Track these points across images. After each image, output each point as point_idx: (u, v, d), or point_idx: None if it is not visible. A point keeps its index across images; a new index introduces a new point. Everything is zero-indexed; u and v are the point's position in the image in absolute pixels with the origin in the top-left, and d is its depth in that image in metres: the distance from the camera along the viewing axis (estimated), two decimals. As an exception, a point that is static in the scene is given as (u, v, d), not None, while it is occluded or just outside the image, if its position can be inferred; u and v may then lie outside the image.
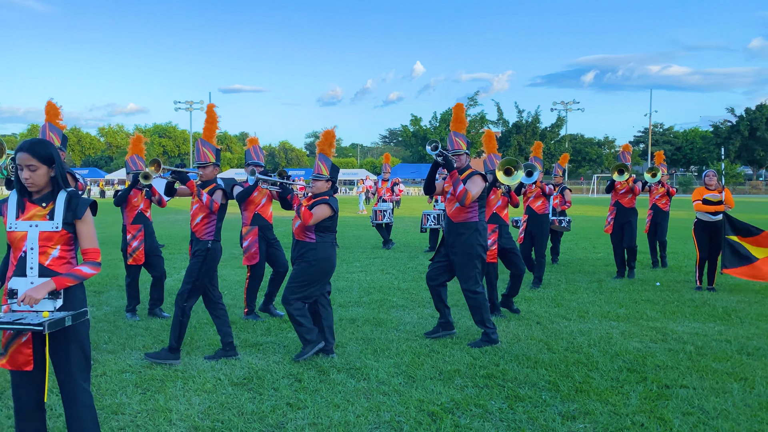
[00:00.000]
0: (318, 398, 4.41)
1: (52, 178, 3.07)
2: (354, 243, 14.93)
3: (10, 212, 3.04)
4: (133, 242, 6.90)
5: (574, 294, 8.40)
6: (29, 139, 3.05)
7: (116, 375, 4.87)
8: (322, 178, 5.38)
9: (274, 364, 5.16)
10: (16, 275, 3.01)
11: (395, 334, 6.13)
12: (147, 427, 3.90)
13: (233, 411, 4.17)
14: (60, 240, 3.05)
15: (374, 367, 5.07)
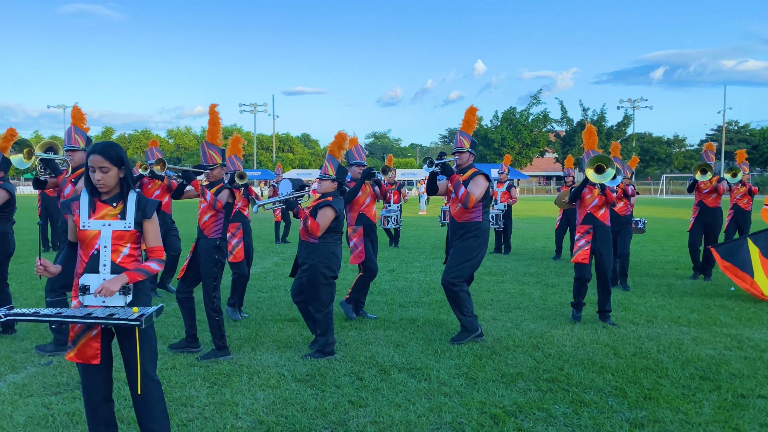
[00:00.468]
0: (379, 397, 4.44)
1: (121, 179, 3.21)
2: (413, 243, 14.94)
3: (82, 211, 3.19)
4: (232, 240, 6.92)
5: (641, 297, 8.13)
6: (100, 142, 3.20)
7: (185, 368, 5.03)
8: (328, 178, 5.47)
9: (336, 361, 5.22)
10: (88, 272, 3.16)
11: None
12: (214, 420, 4.01)
13: (297, 407, 4.25)
14: (130, 238, 3.20)
15: (435, 368, 5.06)
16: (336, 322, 6.63)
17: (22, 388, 4.56)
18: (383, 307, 7.40)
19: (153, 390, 3.25)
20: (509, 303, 7.72)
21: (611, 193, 6.55)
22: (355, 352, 5.50)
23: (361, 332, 6.21)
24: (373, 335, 6.09)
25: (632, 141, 68.62)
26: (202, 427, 3.91)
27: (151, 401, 3.24)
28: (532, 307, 7.51)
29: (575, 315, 6.83)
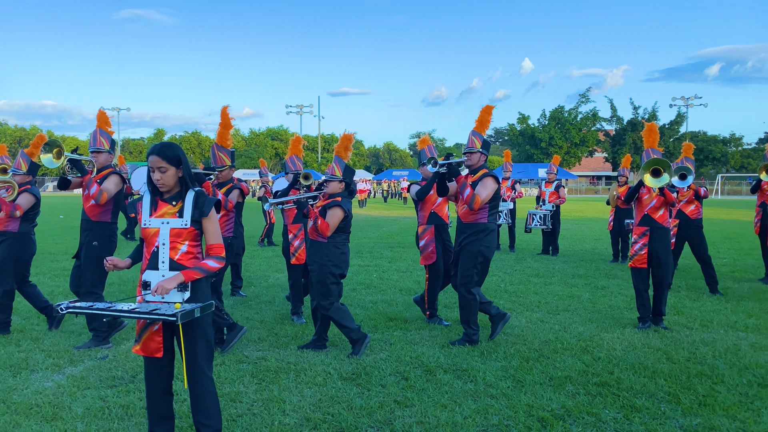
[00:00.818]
0: (425, 397, 4.43)
1: (180, 178, 3.30)
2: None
3: (144, 210, 3.31)
4: (294, 241, 6.84)
5: (696, 301, 7.88)
6: (158, 143, 3.30)
7: (234, 365, 5.14)
8: (335, 179, 5.51)
9: (381, 361, 5.24)
10: (149, 268, 3.28)
11: (502, 338, 6.03)
12: (262, 416, 4.08)
13: (343, 405, 4.28)
14: (188, 236, 3.28)
15: (481, 370, 5.02)
16: (380, 321, 6.66)
17: (80, 380, 4.73)
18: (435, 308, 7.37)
19: (206, 385, 3.33)
20: (557, 305, 7.59)
21: (670, 194, 6.28)
22: (401, 352, 5.50)
23: (406, 332, 6.21)
24: (418, 335, 6.08)
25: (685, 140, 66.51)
26: (250, 422, 3.98)
27: (204, 396, 3.33)
28: (580, 309, 7.37)
29: (641, 326, 6.44)
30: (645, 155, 6.51)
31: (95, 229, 5.75)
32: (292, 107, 73.63)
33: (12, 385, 4.61)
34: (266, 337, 6.01)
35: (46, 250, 12.97)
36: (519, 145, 73.57)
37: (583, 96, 69.95)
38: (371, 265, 10.99)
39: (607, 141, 70.76)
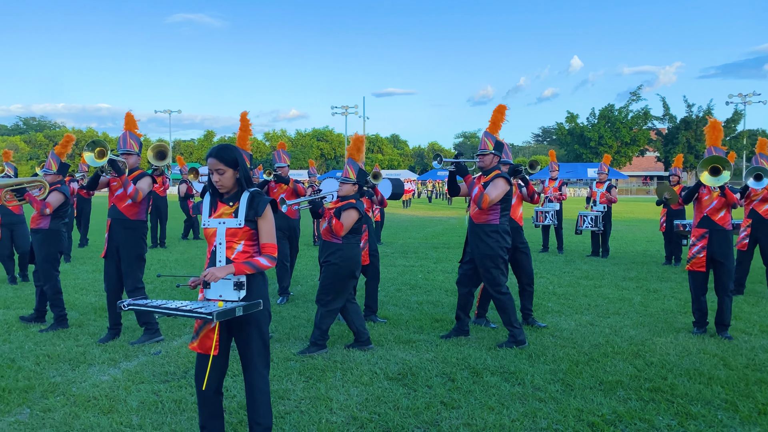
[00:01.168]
0: (472, 399, 4.40)
1: (237, 179, 3.37)
2: (506, 244, 14.67)
3: (204, 211, 3.40)
4: None
5: (754, 306, 7.58)
6: (216, 146, 3.37)
7: (282, 362, 5.21)
8: (349, 182, 5.55)
9: (427, 361, 5.23)
10: (210, 267, 3.35)
11: (551, 340, 5.93)
12: (310, 414, 4.12)
13: (389, 405, 4.28)
14: (243, 236, 3.34)
15: (529, 372, 4.95)
16: (426, 322, 6.64)
17: (135, 375, 4.88)
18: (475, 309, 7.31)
19: (261, 385, 3.38)
20: (607, 308, 7.42)
21: (732, 194, 6.00)
22: (447, 353, 5.47)
23: (452, 333, 6.17)
24: (464, 337, 6.04)
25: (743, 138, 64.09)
26: (298, 420, 4.03)
27: (257, 395, 3.38)
28: (632, 312, 7.19)
29: (696, 331, 6.25)
30: (707, 153, 6.23)
31: (135, 227, 5.93)
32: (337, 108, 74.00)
33: (71, 378, 4.79)
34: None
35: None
36: (567, 145, 72.25)
37: (634, 94, 68.17)
38: (416, 265, 10.97)
39: (659, 140, 68.78)
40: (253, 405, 3.40)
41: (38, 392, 4.48)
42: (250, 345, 3.35)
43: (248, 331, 3.34)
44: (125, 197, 5.85)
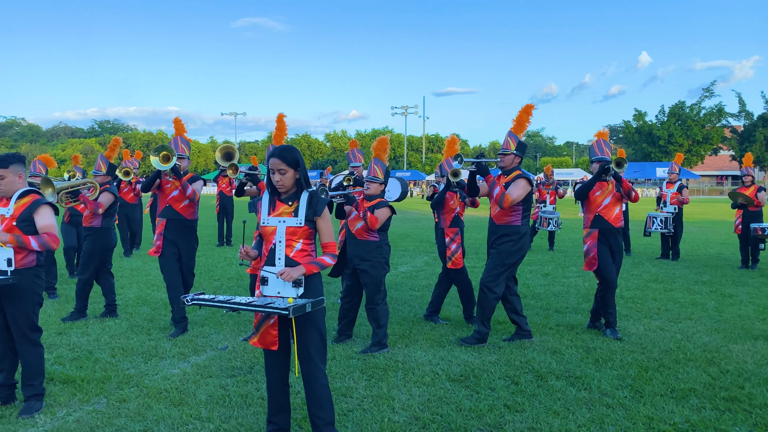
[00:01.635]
0: (536, 403, 4.32)
1: (297, 179, 3.44)
2: (570, 246, 14.35)
3: (263, 209, 3.48)
4: (451, 245, 6.58)
5: (841, 314, 7.12)
6: (279, 147, 3.46)
7: (344, 360, 5.26)
8: (377, 181, 5.65)
9: (490, 364, 5.17)
10: (267, 264, 3.44)
11: (619, 345, 5.75)
12: (372, 412, 4.15)
13: (451, 406, 4.26)
14: (303, 234, 3.41)
15: (596, 378, 4.82)
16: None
17: (203, 369, 5.03)
18: (538, 312, 7.19)
19: (319, 378, 3.44)
20: (679, 313, 7.14)
21: None
22: (510, 356, 5.40)
23: (515, 335, 6.08)
24: (528, 340, 5.93)
25: (828, 135, 60.33)
26: (361, 418, 4.05)
27: (317, 389, 3.44)
28: (705, 318, 6.88)
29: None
30: None
31: (191, 226, 6.29)
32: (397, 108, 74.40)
33: (144, 371, 4.99)
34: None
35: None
36: (635, 144, 69.81)
37: (707, 90, 65.20)
38: (478, 266, 10.86)
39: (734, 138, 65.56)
40: (313, 399, 3.45)
41: (114, 383, 4.69)
42: (309, 341, 3.41)
43: (306, 326, 3.40)
44: (181, 198, 6.16)
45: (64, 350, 5.53)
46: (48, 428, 3.88)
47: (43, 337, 5.90)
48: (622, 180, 6.05)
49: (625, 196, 6.12)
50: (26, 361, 4.15)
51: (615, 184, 6.08)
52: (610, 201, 6.07)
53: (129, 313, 7.09)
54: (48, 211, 4.17)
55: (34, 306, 4.15)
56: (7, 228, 4.07)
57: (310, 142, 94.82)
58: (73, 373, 4.86)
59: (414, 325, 6.54)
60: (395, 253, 12.64)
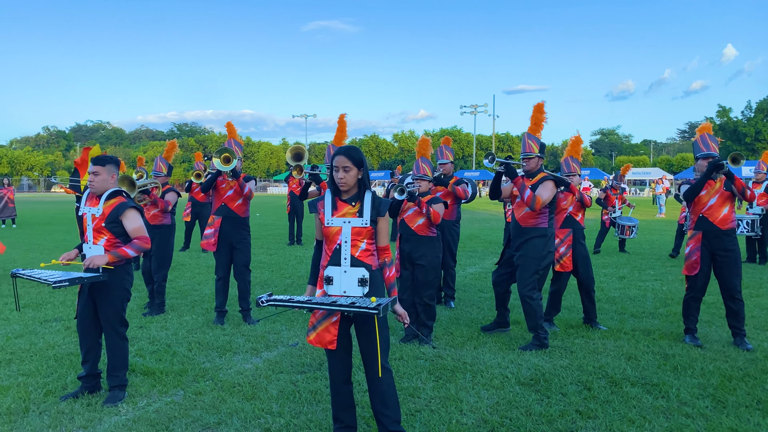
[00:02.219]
0: (610, 410, 4.18)
1: (359, 180, 3.47)
2: (647, 249, 13.80)
3: (326, 210, 3.52)
4: (560, 247, 6.31)
5: None
6: (344, 146, 3.52)
7: (412, 360, 5.26)
8: (426, 179, 5.90)
9: (561, 368, 5.04)
10: (331, 264, 3.48)
11: (699, 352, 5.49)
12: (440, 414, 4.13)
13: (521, 410, 4.18)
14: (367, 234, 3.45)
15: (674, 386, 4.61)
16: (560, 327, 6.41)
17: (275, 365, 5.16)
18: (613, 317, 6.95)
19: (386, 378, 3.46)
20: (766, 320, 6.73)
21: None
22: (582, 360, 5.25)
23: (588, 341, 5.90)
24: (601, 344, 5.75)
25: None
26: (429, 418, 4.04)
27: (384, 388, 3.46)
28: (796, 326, 6.46)
29: None
30: None
31: (244, 223, 6.73)
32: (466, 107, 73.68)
33: (218, 365, 5.16)
34: (441, 336, 6.07)
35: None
36: (718, 142, 66.35)
37: (798, 84, 61.23)
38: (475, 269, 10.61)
39: (830, 134, 61.31)
40: (379, 397, 3.47)
41: (190, 376, 4.87)
42: (373, 339, 3.43)
43: (370, 325, 3.42)
44: (236, 197, 6.58)
45: (144, 343, 5.80)
46: (130, 417, 4.07)
47: (126, 330, 6.21)
48: (734, 178, 5.62)
49: (738, 195, 5.69)
50: (112, 353, 4.38)
51: (724, 182, 5.66)
52: (717, 201, 5.64)
53: (205, 308, 7.35)
54: (135, 213, 4.40)
55: (123, 301, 4.38)
56: (97, 227, 4.32)
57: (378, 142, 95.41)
58: (152, 365, 5.09)
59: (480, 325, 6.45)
60: (463, 254, 12.54)
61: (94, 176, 4.35)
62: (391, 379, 3.51)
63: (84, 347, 4.46)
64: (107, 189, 4.41)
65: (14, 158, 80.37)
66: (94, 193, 4.41)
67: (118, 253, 4.23)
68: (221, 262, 6.67)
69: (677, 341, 5.85)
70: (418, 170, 5.92)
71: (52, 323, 6.56)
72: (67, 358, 5.32)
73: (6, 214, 19.59)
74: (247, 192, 6.56)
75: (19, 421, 4.00)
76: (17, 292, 4.68)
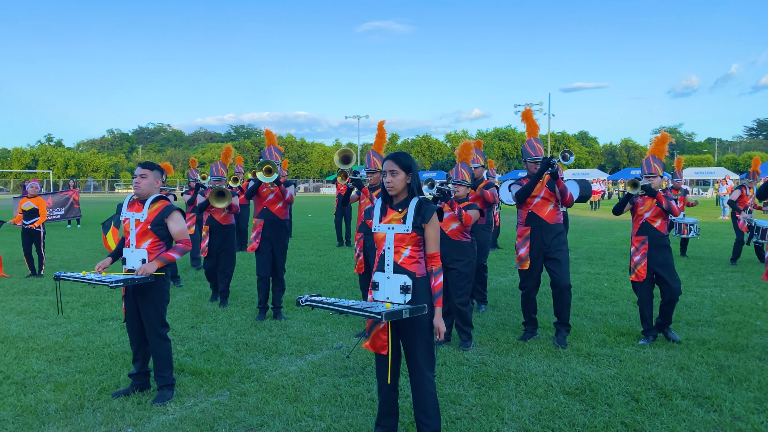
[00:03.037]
0: (657, 423, 4.05)
1: (408, 185, 3.48)
2: (707, 253, 13.27)
3: (375, 216, 3.56)
4: (635, 256, 6.05)
5: None
6: (394, 151, 3.55)
7: (455, 366, 5.23)
8: (464, 184, 5.88)
9: (608, 378, 4.91)
10: (378, 270, 3.51)
11: (757, 364, 5.25)
12: (481, 422, 4.09)
13: (564, 420, 4.10)
14: (411, 241, 3.44)
15: (728, 399, 4.43)
16: (610, 335, 6.25)
17: (318, 367, 5.22)
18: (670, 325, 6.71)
19: (426, 386, 3.45)
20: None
21: None
22: (631, 370, 5.10)
23: (638, 349, 5.73)
24: (652, 354, 5.58)
25: None
26: (469, 426, 4.01)
27: (423, 396, 3.45)
28: None
29: None
30: None
31: (284, 225, 7.18)
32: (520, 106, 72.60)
33: (264, 366, 5.26)
34: (486, 342, 6.01)
35: (297, 246, 14.51)
36: (787, 139, 63.27)
37: None
38: (602, 273, 10.37)
39: None
40: (421, 406, 3.47)
41: (236, 377, 4.99)
42: (416, 348, 3.43)
43: (413, 334, 3.42)
44: (277, 201, 6.98)
45: (194, 343, 5.97)
46: (177, 416, 4.20)
47: (176, 330, 6.42)
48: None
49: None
50: (156, 354, 4.53)
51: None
52: None
53: (254, 309, 7.51)
54: (179, 216, 4.55)
55: (162, 303, 4.53)
56: (141, 231, 4.48)
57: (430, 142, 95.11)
58: (201, 365, 5.23)
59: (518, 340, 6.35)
60: (506, 259, 12.38)
61: (141, 178, 4.52)
62: (433, 389, 3.49)
63: (134, 346, 4.65)
64: (152, 193, 4.57)
65: (81, 160, 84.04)
66: (139, 195, 4.58)
67: (164, 257, 4.38)
68: (262, 262, 7.04)
69: (734, 352, 5.62)
70: (457, 175, 5.90)
71: (109, 322, 6.83)
72: (122, 356, 5.54)
73: (71, 214, 20.50)
74: (288, 197, 6.96)
75: (74, 417, 4.18)
76: (59, 295, 4.88)
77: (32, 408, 4.33)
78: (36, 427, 4.04)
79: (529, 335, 6.14)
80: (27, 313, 7.28)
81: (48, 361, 5.41)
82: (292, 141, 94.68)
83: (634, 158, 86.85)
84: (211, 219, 8.07)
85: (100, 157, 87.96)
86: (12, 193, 59.45)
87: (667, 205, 5.89)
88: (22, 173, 74.97)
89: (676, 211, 5.93)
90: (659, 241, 5.99)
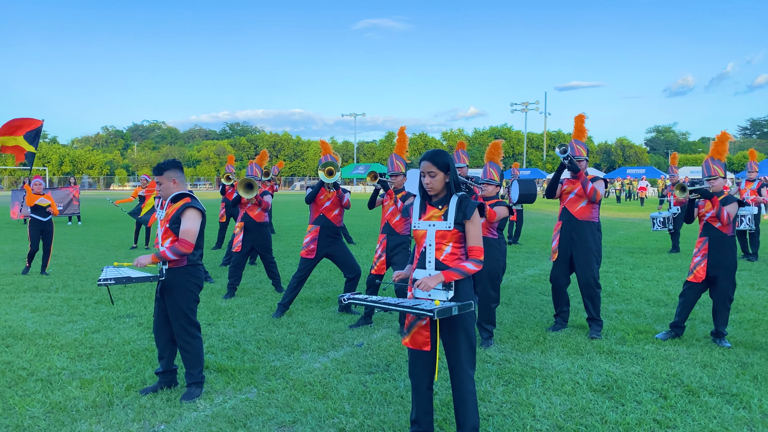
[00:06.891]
0: (689, 420, 4.07)
1: (447, 183, 3.47)
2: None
3: (414, 213, 3.55)
4: (695, 257, 5.96)
5: None
6: (430, 151, 3.51)
7: (479, 364, 5.23)
8: (493, 183, 5.93)
9: (634, 375, 4.93)
10: (419, 267, 3.51)
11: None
12: (513, 418, 4.10)
13: (595, 417, 4.11)
14: (452, 238, 3.44)
15: (756, 396, 4.46)
16: (629, 332, 6.27)
17: (342, 364, 5.22)
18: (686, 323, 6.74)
19: (467, 384, 3.44)
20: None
21: None
22: (655, 368, 5.12)
23: (659, 347, 5.76)
24: (674, 351, 5.61)
25: None
26: (502, 423, 4.02)
27: (464, 394, 3.44)
28: None
29: None
30: None
31: (339, 231, 7.17)
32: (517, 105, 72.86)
33: (288, 363, 5.26)
34: (507, 339, 6.02)
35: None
36: (783, 139, 63.62)
37: None
38: (611, 271, 10.40)
39: None
40: (461, 405, 3.46)
41: (262, 374, 4.98)
42: (458, 346, 3.42)
43: (456, 331, 3.41)
44: (333, 208, 7.01)
45: (214, 340, 5.95)
46: (208, 413, 4.19)
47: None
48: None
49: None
50: (184, 350, 4.50)
51: None
52: None
53: (269, 306, 7.50)
54: (192, 214, 4.44)
55: (189, 302, 4.47)
56: (164, 229, 4.51)
57: (426, 141, 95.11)
58: (225, 362, 5.22)
59: (547, 330, 6.38)
60: (520, 256, 12.41)
61: (158, 186, 4.54)
62: (473, 387, 3.48)
63: (159, 344, 4.62)
64: (171, 193, 4.56)
65: (76, 157, 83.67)
66: (162, 198, 4.60)
67: (159, 253, 4.36)
68: (307, 266, 7.06)
69: (754, 349, 5.65)
70: (486, 174, 5.96)
71: (125, 319, 6.81)
72: (143, 353, 5.52)
73: (71, 211, 20.44)
74: (346, 203, 7.05)
75: (105, 414, 4.17)
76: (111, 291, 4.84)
77: (61, 405, 4.31)
78: (68, 423, 4.02)
79: (559, 326, 6.38)
80: (41, 310, 7.24)
81: (70, 358, 5.39)
82: (288, 138, 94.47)
83: (629, 157, 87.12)
84: (246, 216, 8.32)
85: (95, 154, 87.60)
86: (7, 190, 59.16)
87: (717, 210, 5.73)
88: (17, 170, 74.61)
89: (724, 220, 5.72)
90: (720, 242, 5.84)
